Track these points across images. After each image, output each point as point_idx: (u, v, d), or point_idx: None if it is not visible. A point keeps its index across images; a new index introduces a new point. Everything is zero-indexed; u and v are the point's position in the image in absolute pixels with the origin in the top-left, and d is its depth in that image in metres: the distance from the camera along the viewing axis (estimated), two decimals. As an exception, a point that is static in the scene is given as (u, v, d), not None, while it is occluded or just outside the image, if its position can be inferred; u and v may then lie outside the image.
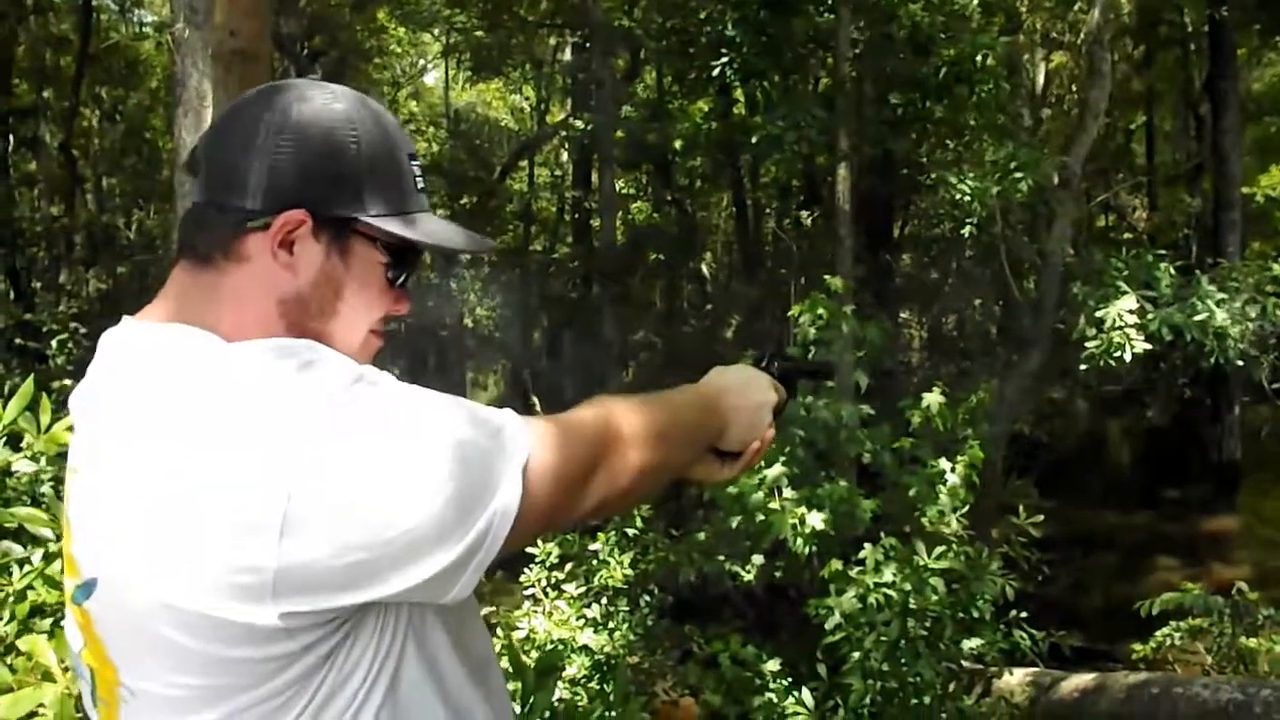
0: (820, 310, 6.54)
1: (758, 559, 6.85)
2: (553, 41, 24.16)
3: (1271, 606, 7.84)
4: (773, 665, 5.93)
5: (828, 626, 5.37)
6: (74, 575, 1.19)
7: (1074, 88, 17.66)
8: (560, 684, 5.82)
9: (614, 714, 4.42)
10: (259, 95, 1.27)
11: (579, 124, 17.13)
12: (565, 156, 24.15)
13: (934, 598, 5.32)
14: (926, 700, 5.31)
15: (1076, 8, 14.08)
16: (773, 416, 1.57)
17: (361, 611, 1.13)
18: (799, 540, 5.87)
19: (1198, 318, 8.34)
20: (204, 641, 1.08)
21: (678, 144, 17.93)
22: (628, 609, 6.92)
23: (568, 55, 22.89)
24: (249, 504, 1.04)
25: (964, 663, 6.17)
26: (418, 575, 1.09)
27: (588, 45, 17.49)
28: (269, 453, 1.04)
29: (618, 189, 18.43)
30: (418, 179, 1.32)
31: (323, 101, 1.26)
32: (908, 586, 5.29)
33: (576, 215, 22.15)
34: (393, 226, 1.26)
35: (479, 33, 21.58)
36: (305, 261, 1.24)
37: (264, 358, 1.13)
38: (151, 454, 1.08)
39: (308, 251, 1.24)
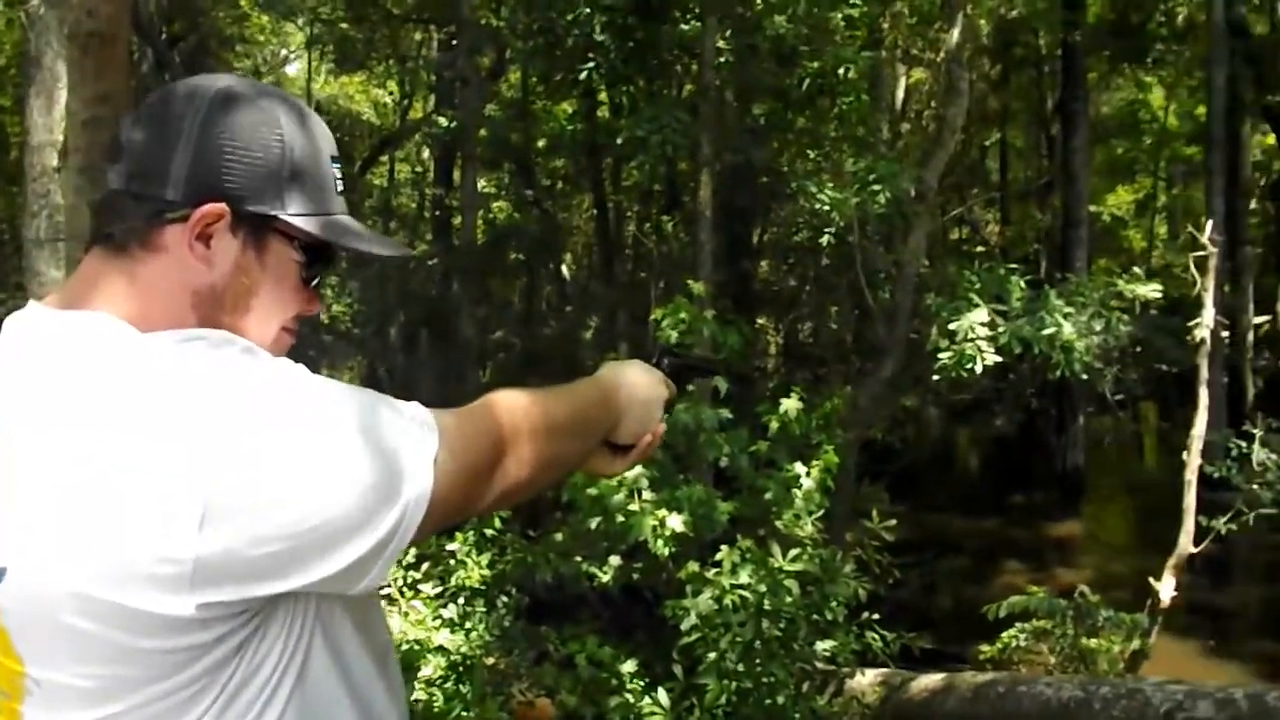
0: (682, 314, 6.59)
1: (615, 560, 6.87)
2: (418, 37, 23.90)
3: (1111, 609, 8.16)
4: (629, 666, 5.95)
5: (684, 627, 5.41)
6: None
7: (932, 104, 18.08)
8: (416, 684, 5.78)
9: (471, 714, 4.40)
10: (186, 86, 1.26)
11: (442, 121, 16.95)
12: (427, 153, 23.88)
13: (789, 599, 5.40)
14: (780, 700, 5.38)
15: (936, 26, 14.43)
16: (664, 411, 1.60)
17: (273, 603, 1.12)
18: (659, 542, 5.91)
19: (1046, 331, 8.61)
20: (116, 632, 1.06)
21: (541, 144, 17.89)
22: (485, 609, 6.88)
23: (433, 51, 22.67)
24: (168, 494, 1.03)
25: (817, 663, 6.28)
26: (333, 566, 1.09)
27: (454, 42, 17.32)
28: (188, 443, 1.04)
29: (479, 187, 18.30)
30: (338, 181, 1.33)
31: (250, 98, 1.26)
32: (763, 588, 5.36)
33: (437, 212, 21.94)
34: (311, 226, 1.28)
35: (344, 25, 21.26)
36: (221, 255, 1.24)
37: (182, 347, 1.12)
38: (67, 442, 1.07)
39: (224, 245, 1.24)
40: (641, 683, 5.84)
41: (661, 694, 5.45)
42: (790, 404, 6.55)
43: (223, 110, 1.23)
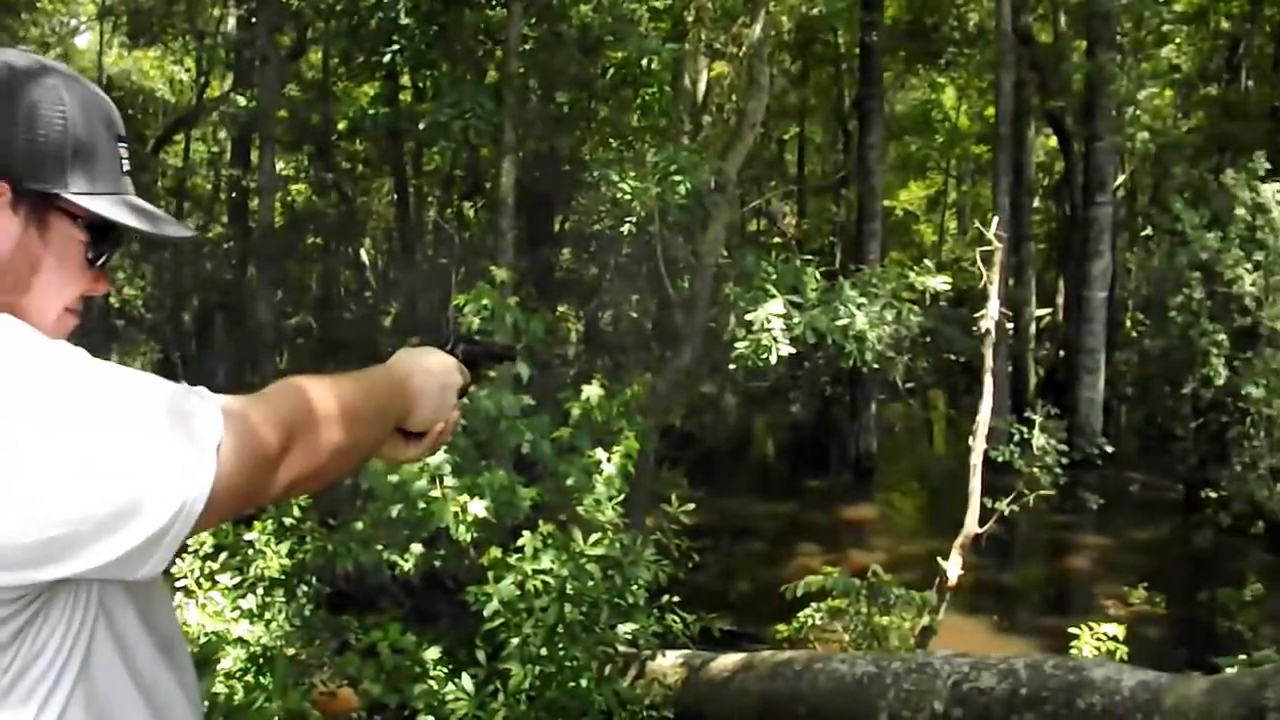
0: (484, 300, 6.58)
1: (417, 548, 6.83)
2: (216, 12, 23.17)
3: (902, 587, 8.49)
4: (433, 653, 5.93)
5: (486, 613, 5.41)
6: None
7: (734, 97, 18.38)
8: (216, 677, 5.65)
9: (273, 705, 4.33)
10: None
11: (240, 100, 16.49)
12: (224, 133, 23.18)
13: (590, 583, 5.46)
14: (583, 683, 5.43)
15: (740, 21, 14.68)
16: (457, 398, 1.61)
17: (53, 589, 1.11)
18: (461, 528, 5.90)
19: (839, 322, 8.88)
20: None
21: (342, 127, 17.58)
22: (285, 600, 6.75)
23: (232, 28, 22.01)
24: None
25: (619, 646, 6.35)
26: (110, 552, 1.07)
27: (253, 19, 16.88)
28: None
29: (278, 170, 17.88)
30: (124, 161, 1.31)
31: (32, 73, 1.23)
32: (565, 572, 5.40)
33: (234, 194, 21.32)
34: (95, 206, 1.25)
35: (139, -4, 20.50)
36: (1, 234, 1.21)
37: None
38: None
39: (4, 224, 1.21)
40: (445, 669, 5.83)
41: (465, 680, 5.44)
42: (591, 391, 6.62)
43: (3, 85, 1.21)
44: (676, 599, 6.62)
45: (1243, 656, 7.39)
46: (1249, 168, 14.08)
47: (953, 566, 8.30)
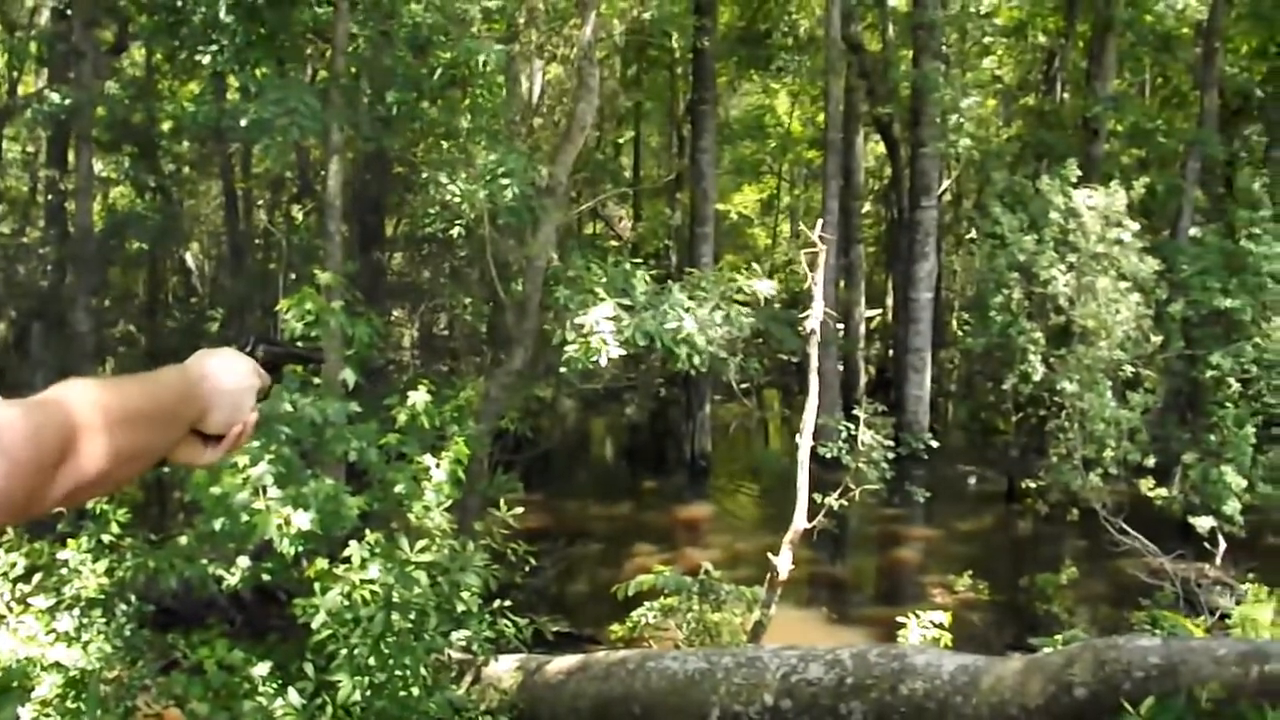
0: (309, 305, 6.46)
1: (243, 561, 6.68)
2: (30, 3, 22.26)
3: (735, 584, 8.61)
4: (262, 668, 5.80)
5: (314, 625, 5.32)
6: None
7: (565, 100, 18.41)
8: (29, 705, 5.43)
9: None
10: None
11: (55, 97, 15.86)
12: (39, 131, 22.29)
13: (417, 591, 5.40)
14: (415, 691, 5.38)
15: (571, 23, 14.69)
16: (256, 400, 1.57)
17: None
18: (285, 541, 5.78)
19: (669, 325, 8.96)
20: None
21: (166, 127, 17.07)
22: (104, 620, 6.52)
23: (46, 20, 21.16)
24: None
25: (452, 653, 6.31)
26: None
27: (69, 11, 16.25)
28: None
29: (97, 171, 17.28)
30: None
31: None
32: (392, 581, 5.34)
33: (50, 197, 20.50)
34: None
35: (-60, -16, 19.57)
36: None
37: None
38: None
39: None
40: (275, 685, 5.72)
41: (293, 694, 5.35)
42: (419, 396, 6.55)
43: None
44: (511, 603, 6.60)
45: (1056, 636, 7.71)
46: (1063, 174, 14.71)
47: (783, 562, 8.45)
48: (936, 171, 19.93)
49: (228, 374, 1.52)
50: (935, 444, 16.61)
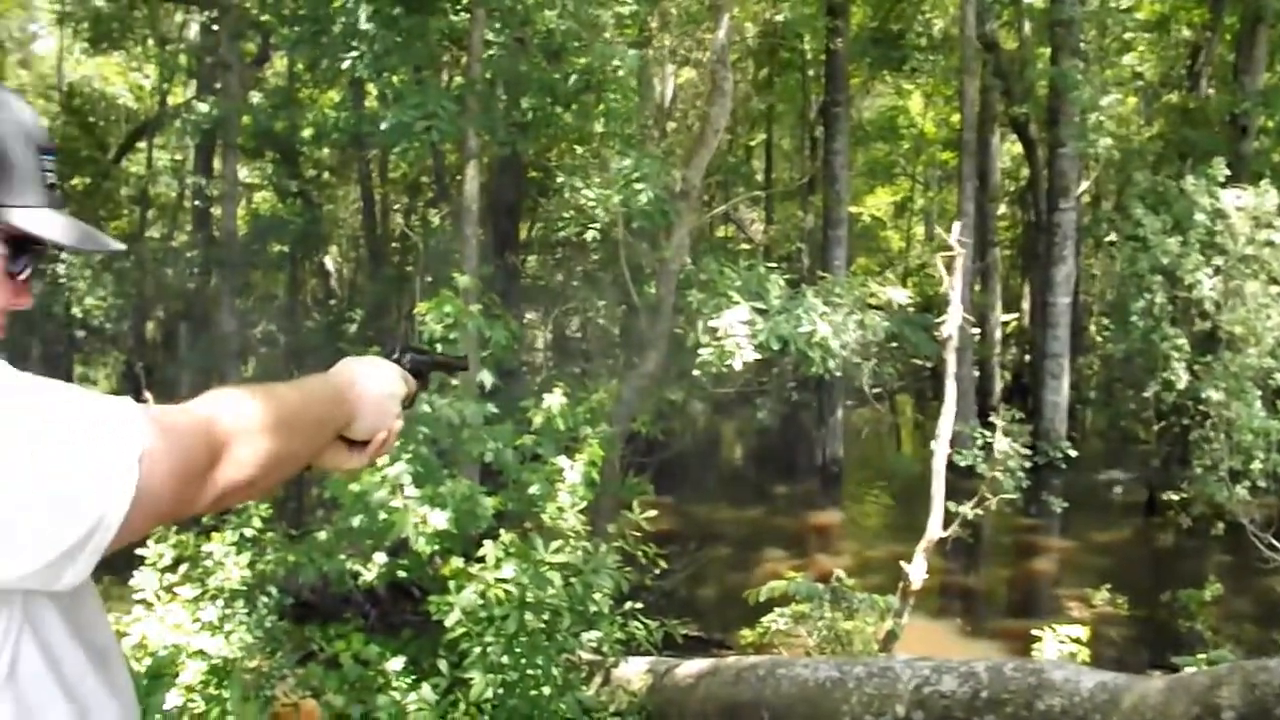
0: (447, 308, 6.56)
1: (379, 558, 6.80)
2: (179, 18, 23.04)
3: (866, 592, 8.50)
4: (396, 663, 5.90)
5: (448, 623, 5.39)
6: None
7: (698, 104, 18.42)
8: (176, 690, 5.60)
9: (231, 718, 4.29)
10: None
11: (203, 108, 16.39)
12: (187, 140, 23.07)
13: (551, 591, 5.44)
14: (546, 691, 5.42)
15: (704, 27, 14.70)
16: (402, 407, 1.59)
17: None
18: (422, 539, 5.88)
19: (803, 329, 8.90)
20: None
21: (306, 133, 17.51)
22: (245, 611, 6.71)
23: (195, 34, 21.88)
24: None
25: (582, 654, 6.33)
26: (26, 564, 1.08)
27: (216, 26, 16.78)
28: None
29: (242, 177, 17.80)
30: (48, 174, 1.30)
31: None
32: (526, 581, 5.38)
33: (197, 202, 21.20)
34: (13, 219, 1.25)
35: (98, 1, 20.33)
36: None
37: None
38: None
39: None
40: (408, 680, 5.81)
41: (426, 689, 5.43)
42: (555, 399, 6.60)
43: None
44: (641, 606, 6.60)
45: (1201, 656, 7.44)
46: (1209, 174, 14.20)
47: (916, 570, 8.33)
48: (1075, 172, 19.46)
49: (375, 380, 1.55)
50: (1073, 452, 16.20)
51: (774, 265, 9.90)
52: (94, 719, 1.26)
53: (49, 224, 1.30)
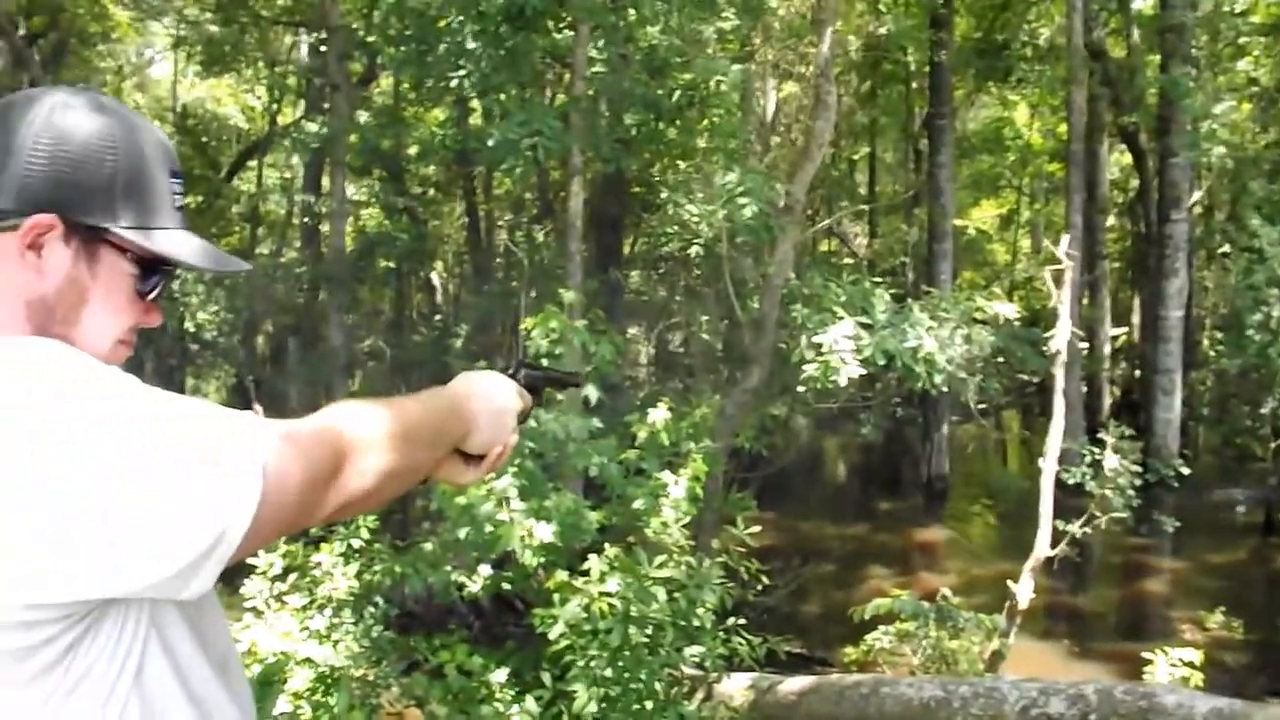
0: (553, 323, 6.60)
1: (485, 570, 6.86)
2: (288, 40, 23.56)
3: (971, 611, 8.37)
4: (500, 675, 5.94)
5: (552, 636, 5.41)
6: None
7: (801, 118, 18.35)
8: (284, 696, 5.69)
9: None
10: (23, 98, 1.28)
11: (312, 126, 16.73)
12: (296, 159, 23.56)
13: (655, 606, 5.44)
14: (649, 706, 5.41)
15: (806, 41, 14.66)
16: (517, 422, 1.61)
17: (102, 606, 1.14)
18: (527, 552, 5.92)
19: (908, 344, 8.81)
20: None
21: (412, 151, 17.77)
22: (353, 621, 6.80)
23: (304, 55, 22.35)
24: None
25: (685, 669, 6.32)
26: (154, 574, 1.11)
27: (324, 47, 17.12)
28: (22, 452, 1.06)
29: (349, 194, 18.11)
30: (176, 196, 1.34)
31: (85, 111, 1.27)
32: (630, 595, 5.39)
33: (306, 219, 21.63)
34: (142, 240, 1.29)
35: (211, 26, 20.88)
36: (53, 265, 1.25)
37: (20, 357, 1.15)
38: None
39: (56, 256, 1.25)
40: (512, 691, 5.83)
41: (530, 702, 5.45)
42: (659, 414, 6.61)
43: (58, 122, 1.25)
44: (744, 622, 6.57)
45: (1323, 683, 7.21)
46: (1328, 183, 13.82)
47: (1023, 590, 8.18)
48: (1187, 182, 18.98)
49: (491, 395, 1.57)
50: (1186, 471, 15.80)
51: (878, 280, 9.81)
52: None
53: (182, 245, 1.34)
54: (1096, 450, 9.43)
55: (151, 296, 1.35)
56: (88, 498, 1.06)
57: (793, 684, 7.28)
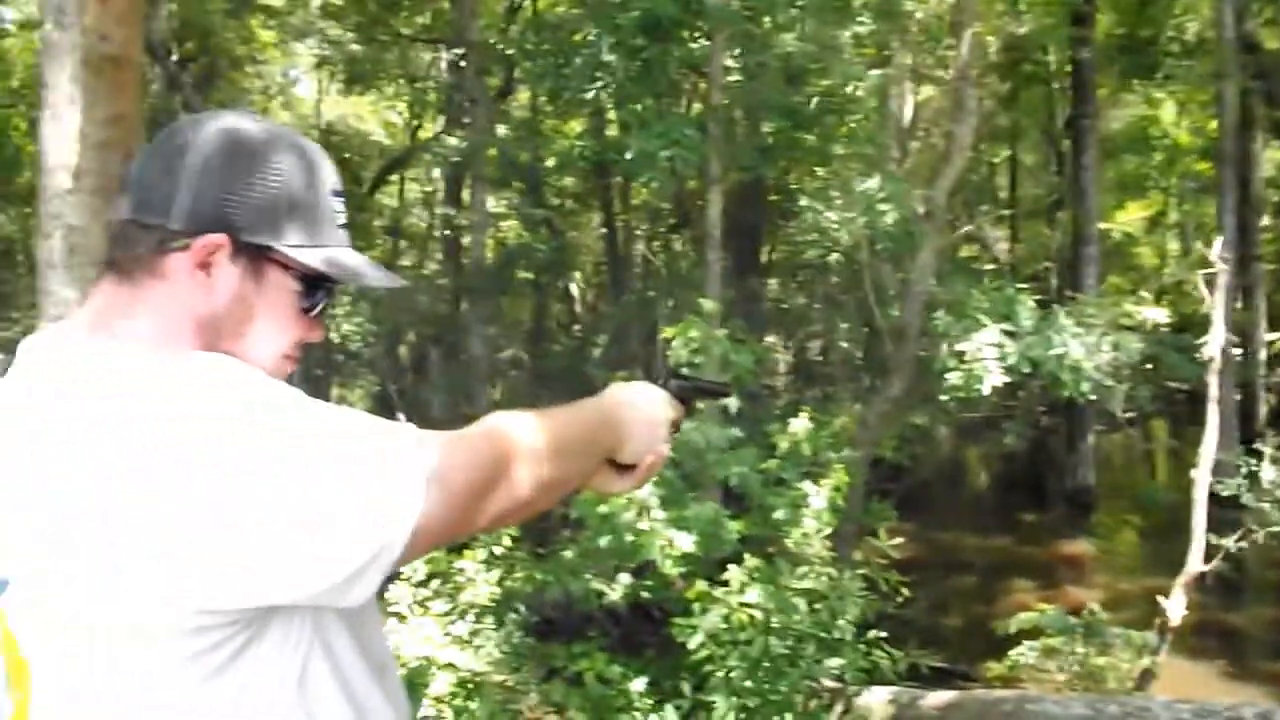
0: (693, 333, 6.61)
1: (624, 578, 6.89)
2: (428, 57, 24.00)
3: (1120, 627, 8.14)
4: (638, 684, 5.95)
5: (691, 645, 5.41)
6: None
7: (941, 121, 18.09)
8: (427, 700, 5.79)
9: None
10: (190, 122, 1.32)
11: (452, 141, 17.02)
12: (437, 173, 23.94)
13: (796, 617, 5.40)
14: (788, 717, 5.37)
15: (945, 44, 14.45)
16: (669, 433, 1.62)
17: (268, 613, 1.18)
18: (668, 561, 5.92)
19: (1054, 351, 8.61)
20: (117, 640, 1.13)
21: (550, 163, 17.95)
22: (494, 627, 6.89)
23: (443, 71, 22.75)
24: (167, 512, 1.09)
25: (825, 681, 6.26)
26: (320, 582, 1.15)
27: (463, 63, 17.40)
28: (196, 462, 1.10)
29: (489, 207, 18.36)
30: (338, 214, 1.39)
31: (251, 133, 1.32)
32: (771, 606, 5.36)
33: (447, 232, 21.98)
34: (306, 257, 1.33)
35: (353, 45, 21.38)
36: (222, 284, 1.30)
37: (194, 371, 1.19)
38: (90, 458, 1.13)
39: (225, 274, 1.30)
40: (650, 700, 5.84)
41: (670, 712, 5.45)
42: (800, 423, 6.57)
43: (225, 145, 1.30)
44: (884, 634, 6.49)
45: None
46: None
47: (1175, 606, 7.93)
48: (1349, 180, 18.29)
49: (643, 406, 1.59)
50: (1350, 482, 15.14)
51: (1022, 285, 9.61)
52: None
53: (346, 262, 1.38)
54: (1253, 461, 9.10)
55: (315, 312, 1.39)
56: (260, 507, 1.10)
57: (934, 699, 7.16)
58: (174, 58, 18.50)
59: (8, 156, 19.87)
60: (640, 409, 1.58)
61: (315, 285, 1.37)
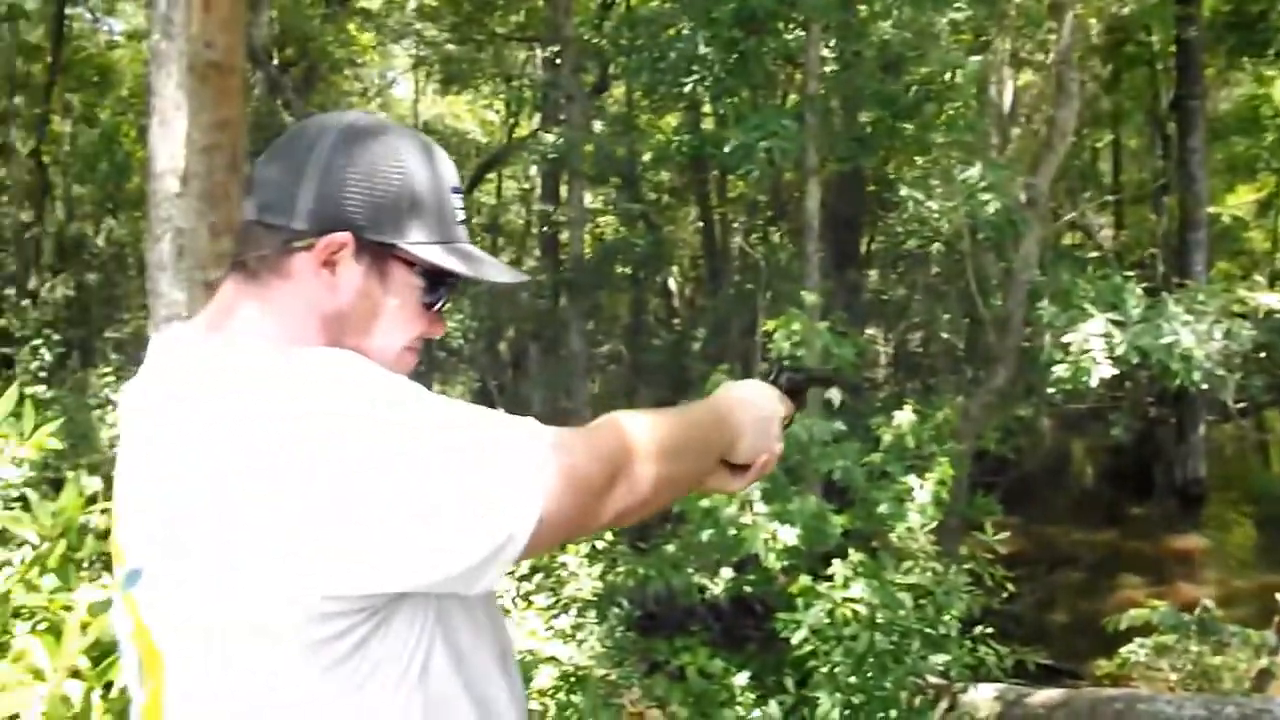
0: (795, 325, 6.58)
1: (727, 572, 6.88)
2: (523, 55, 24.16)
3: (1236, 624, 7.92)
4: (741, 678, 5.94)
5: (795, 640, 5.38)
6: (120, 563, 1.29)
7: (1042, 107, 17.78)
8: (530, 693, 5.83)
9: (587, 723, 4.42)
10: (313, 124, 1.36)
11: (548, 138, 17.10)
12: (534, 170, 24.10)
13: (901, 613, 5.35)
14: (893, 714, 5.32)
15: (1045, 27, 14.21)
16: (781, 429, 1.61)
17: (395, 601, 1.20)
18: (771, 556, 5.90)
19: (1164, 340, 8.42)
20: (245, 629, 1.16)
21: (646, 158, 17.96)
22: (596, 621, 6.92)
23: (538, 69, 22.88)
24: (291, 509, 1.12)
25: (930, 677, 6.20)
26: (447, 570, 1.17)
27: (558, 60, 17.49)
28: (321, 456, 1.12)
29: (586, 203, 18.42)
30: (458, 211, 1.40)
31: (373, 133, 1.34)
32: (875, 601, 5.31)
33: (545, 229, 22.12)
34: (429, 255, 1.35)
35: (449, 45, 21.60)
36: (346, 281, 1.32)
37: (316, 367, 1.21)
38: (209, 455, 1.16)
39: (348, 272, 1.32)
40: (753, 695, 5.83)
41: (773, 706, 5.43)
42: (906, 416, 6.51)
43: (347, 145, 1.32)
44: (990, 630, 6.40)
45: None
46: None
47: (1294, 603, 7.72)
48: None
49: (755, 404, 1.59)
50: None
51: (1128, 273, 9.40)
52: (494, 717, 1.34)
53: (468, 259, 1.39)
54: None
55: (436, 308, 1.42)
56: (383, 502, 1.12)
57: (1042, 696, 7.05)
58: (275, 63, 18.87)
59: (118, 163, 20.42)
60: (753, 407, 1.57)
61: (437, 281, 1.39)
